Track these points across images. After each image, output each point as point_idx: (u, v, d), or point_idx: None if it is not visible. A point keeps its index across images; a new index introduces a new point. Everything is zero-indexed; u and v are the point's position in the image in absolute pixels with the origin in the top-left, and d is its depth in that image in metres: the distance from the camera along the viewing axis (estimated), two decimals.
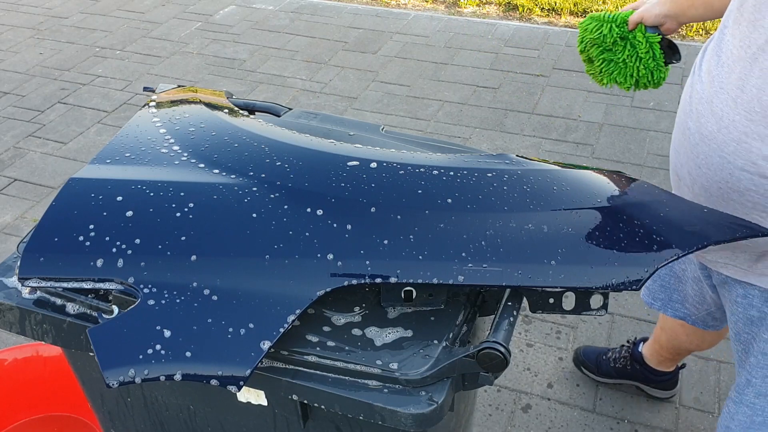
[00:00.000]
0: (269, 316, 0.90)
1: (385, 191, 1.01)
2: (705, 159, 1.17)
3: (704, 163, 1.17)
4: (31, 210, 2.88)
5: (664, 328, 1.83)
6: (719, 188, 1.16)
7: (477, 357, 0.88)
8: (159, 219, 0.97)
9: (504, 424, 2.00)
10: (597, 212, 1.02)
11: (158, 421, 1.17)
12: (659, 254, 0.97)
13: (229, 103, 1.31)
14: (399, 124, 3.39)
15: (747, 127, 1.09)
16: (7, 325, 1.07)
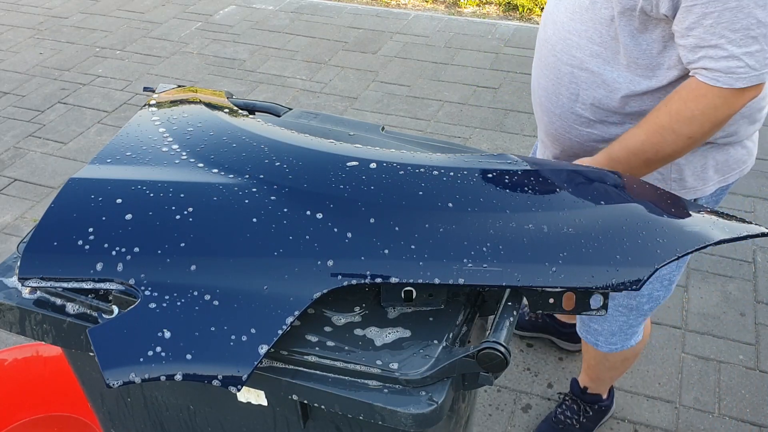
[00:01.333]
0: (269, 316, 0.90)
1: (385, 191, 1.01)
2: (544, 60, 1.35)
3: (544, 64, 1.35)
4: (31, 210, 2.88)
5: None
6: (554, 86, 1.34)
7: (477, 357, 0.88)
8: (159, 219, 0.97)
9: (504, 424, 2.00)
10: (597, 212, 1.02)
11: (158, 421, 1.17)
12: (659, 254, 0.97)
13: (229, 103, 1.31)
14: (399, 124, 3.39)
15: (569, 25, 1.27)
16: (7, 325, 1.07)
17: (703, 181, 1.32)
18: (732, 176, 1.35)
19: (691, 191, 1.33)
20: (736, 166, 1.35)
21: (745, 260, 2.55)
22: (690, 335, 2.26)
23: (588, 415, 1.93)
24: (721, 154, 1.31)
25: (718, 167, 1.32)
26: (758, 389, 2.07)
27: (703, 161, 1.30)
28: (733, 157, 1.34)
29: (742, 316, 2.32)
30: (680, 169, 1.29)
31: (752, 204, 2.83)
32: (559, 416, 1.95)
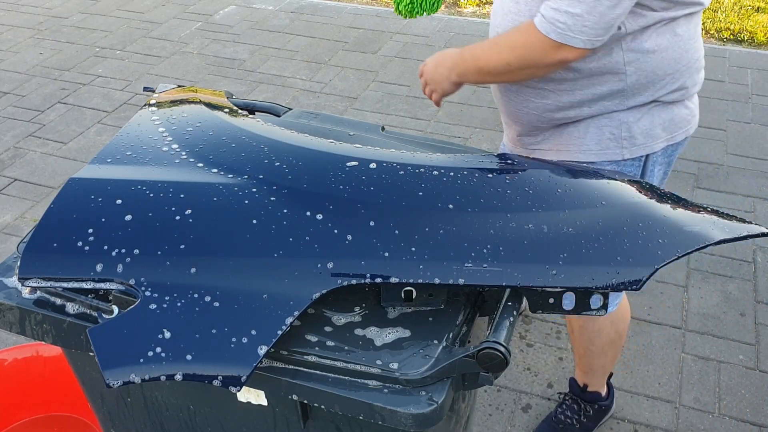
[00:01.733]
0: (269, 316, 0.90)
1: (385, 192, 1.01)
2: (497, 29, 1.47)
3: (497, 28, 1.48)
4: (31, 210, 2.88)
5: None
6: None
7: (477, 357, 0.88)
8: (159, 219, 0.97)
9: (504, 424, 2.00)
10: (597, 212, 1.02)
11: (158, 421, 1.17)
12: (659, 254, 0.97)
13: (229, 103, 1.31)
14: (399, 124, 3.39)
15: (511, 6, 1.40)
16: (7, 325, 1.07)
17: (652, 138, 1.43)
18: (679, 135, 1.46)
19: (641, 147, 1.43)
20: (681, 125, 1.46)
21: (745, 260, 2.55)
22: (690, 335, 2.26)
23: (588, 414, 1.93)
24: (666, 112, 1.42)
25: (665, 126, 1.43)
26: (758, 389, 2.07)
27: (650, 119, 1.42)
28: (678, 116, 1.45)
29: (742, 316, 2.32)
30: (629, 128, 1.41)
31: (752, 204, 2.83)
32: (560, 416, 1.94)
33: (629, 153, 1.43)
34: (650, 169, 1.47)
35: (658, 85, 1.38)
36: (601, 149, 1.44)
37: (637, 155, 1.44)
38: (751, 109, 3.47)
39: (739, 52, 4.01)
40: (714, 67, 3.83)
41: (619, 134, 1.42)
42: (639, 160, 1.45)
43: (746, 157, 3.11)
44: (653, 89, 1.39)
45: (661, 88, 1.39)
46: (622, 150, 1.43)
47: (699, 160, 3.10)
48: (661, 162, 1.48)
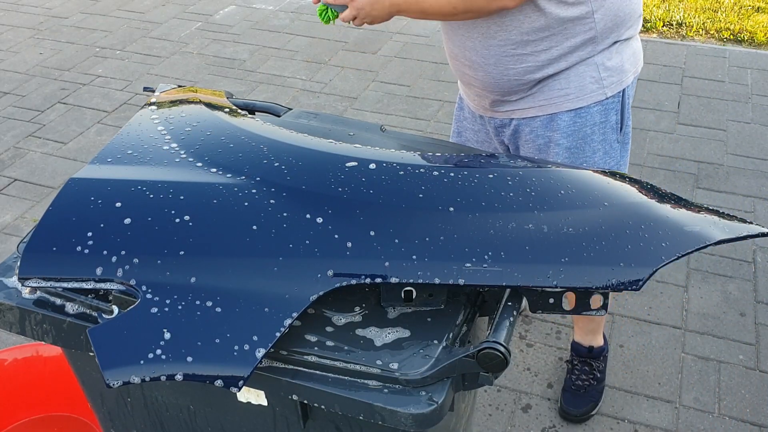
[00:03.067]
0: (270, 316, 0.90)
1: (385, 192, 1.01)
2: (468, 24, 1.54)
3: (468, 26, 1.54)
4: (31, 210, 2.88)
5: None
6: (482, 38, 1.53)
7: (477, 357, 0.88)
8: (158, 220, 0.97)
9: (504, 424, 2.00)
10: (597, 212, 1.02)
11: (158, 421, 1.17)
12: (659, 254, 0.97)
13: (228, 103, 1.31)
14: (399, 124, 3.39)
15: None
16: (7, 325, 1.07)
17: (624, 73, 1.56)
18: (639, 65, 1.62)
19: (618, 84, 1.56)
20: (640, 57, 1.62)
21: (745, 260, 2.55)
22: (690, 335, 2.26)
23: (600, 368, 2.03)
24: (628, 48, 1.56)
25: (631, 60, 1.58)
26: (758, 389, 2.07)
27: (620, 57, 1.54)
28: (637, 49, 1.60)
29: (742, 316, 2.32)
30: (606, 68, 1.52)
31: (752, 204, 2.83)
32: (577, 382, 2.01)
33: (610, 91, 1.55)
34: (627, 101, 1.59)
35: (621, 26, 1.51)
36: (586, 94, 1.54)
37: (617, 91, 1.56)
38: (751, 109, 3.47)
39: (739, 52, 4.01)
40: (714, 67, 3.83)
41: (598, 76, 1.53)
42: (618, 95, 1.57)
43: (746, 157, 3.11)
44: (618, 31, 1.51)
45: (624, 28, 1.52)
46: (604, 90, 1.55)
47: (699, 160, 3.10)
48: (631, 94, 1.61)
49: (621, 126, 1.60)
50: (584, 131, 1.56)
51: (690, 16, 4.43)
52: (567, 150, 1.58)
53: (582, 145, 1.58)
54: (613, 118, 1.57)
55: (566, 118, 1.56)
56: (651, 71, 3.79)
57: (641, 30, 4.26)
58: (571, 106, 1.54)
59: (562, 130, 1.57)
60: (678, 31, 4.30)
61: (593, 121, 1.56)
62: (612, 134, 1.59)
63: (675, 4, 4.64)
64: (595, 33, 1.47)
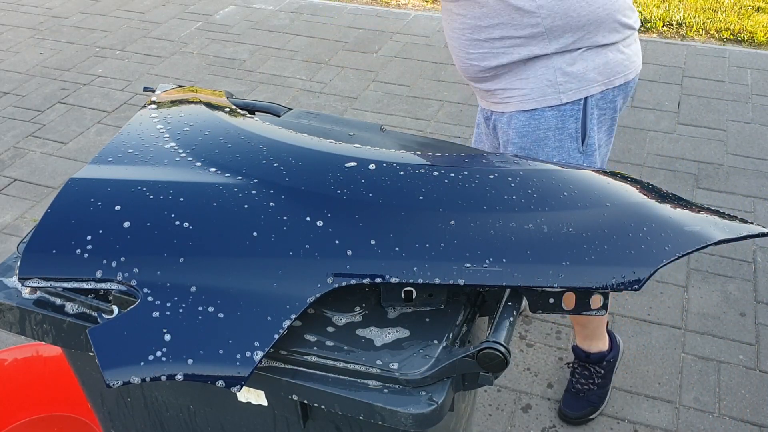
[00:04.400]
0: (270, 316, 0.90)
1: (385, 192, 1.01)
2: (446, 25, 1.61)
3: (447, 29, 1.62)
4: (31, 210, 2.88)
5: None
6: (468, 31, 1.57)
7: (477, 357, 0.88)
8: (158, 220, 0.97)
9: (504, 424, 2.00)
10: (597, 212, 1.02)
11: (158, 421, 1.17)
12: (659, 254, 0.97)
13: (229, 103, 1.31)
14: (399, 124, 3.39)
15: None
16: (7, 325, 1.07)
17: (588, 82, 1.53)
18: (616, 79, 1.56)
19: (577, 91, 1.53)
20: (618, 70, 1.55)
21: (745, 260, 2.55)
22: (690, 335, 2.26)
23: (600, 374, 2.00)
24: (599, 57, 1.52)
25: (599, 70, 1.53)
26: (758, 389, 2.07)
27: (584, 64, 1.51)
28: (612, 61, 1.54)
29: (742, 316, 2.32)
30: (564, 73, 1.51)
31: (752, 204, 2.83)
32: (576, 385, 2.00)
33: (566, 97, 1.53)
34: (590, 112, 1.56)
35: (582, 30, 1.48)
36: (541, 96, 1.54)
37: (575, 99, 1.54)
38: (751, 109, 3.47)
39: (739, 52, 4.01)
40: (714, 67, 3.83)
41: (555, 80, 1.52)
42: (578, 103, 1.55)
43: (746, 157, 3.11)
44: (578, 34, 1.48)
45: (588, 32, 1.49)
46: (559, 95, 1.53)
47: (699, 160, 3.10)
48: (602, 106, 1.57)
49: (583, 137, 1.57)
50: (537, 134, 1.57)
51: (690, 16, 4.42)
52: (521, 150, 1.61)
53: (535, 148, 1.59)
54: (571, 126, 1.56)
55: (522, 118, 1.58)
56: (651, 71, 3.79)
57: (641, 30, 4.26)
58: (526, 106, 1.56)
59: (517, 130, 1.59)
60: (678, 31, 4.30)
61: (547, 125, 1.56)
62: (570, 143, 1.57)
63: (675, 4, 4.64)
64: (543, 29, 1.47)
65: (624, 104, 1.64)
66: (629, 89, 1.61)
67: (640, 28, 4.31)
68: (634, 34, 1.60)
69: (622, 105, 1.63)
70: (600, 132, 1.61)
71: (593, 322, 1.91)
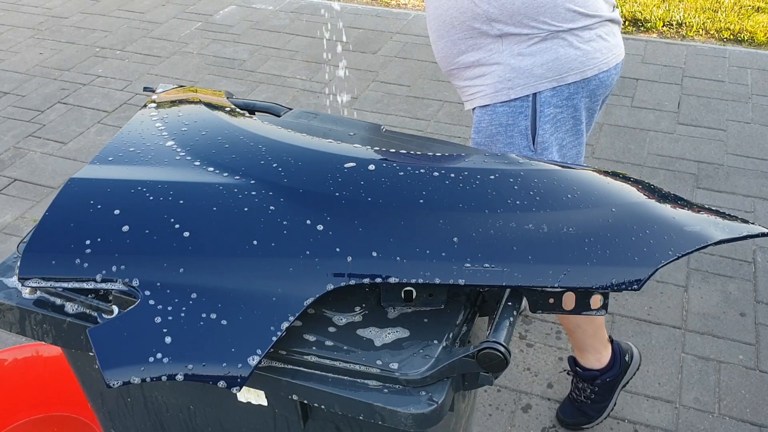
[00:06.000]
0: (270, 316, 0.90)
1: (385, 192, 1.01)
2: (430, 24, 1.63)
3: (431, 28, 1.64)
4: (31, 210, 2.88)
5: None
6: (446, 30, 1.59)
7: (477, 357, 0.88)
8: (158, 220, 0.97)
9: (504, 424, 2.00)
10: (597, 212, 1.02)
11: (158, 421, 1.17)
12: (659, 254, 0.97)
13: (229, 103, 1.31)
14: (399, 124, 3.39)
15: None
16: (7, 325, 1.07)
17: (536, 78, 1.50)
18: (570, 76, 1.51)
19: (524, 87, 1.51)
20: (572, 66, 1.51)
21: (745, 260, 2.55)
22: (690, 335, 2.26)
23: (595, 390, 1.89)
24: (548, 53, 1.49)
25: (549, 66, 1.50)
26: (758, 389, 2.07)
27: (532, 60, 1.49)
28: (563, 57, 1.50)
29: (742, 316, 2.32)
30: (513, 69, 1.50)
31: (752, 204, 2.83)
32: (572, 394, 1.97)
33: (514, 93, 1.52)
34: (540, 109, 1.53)
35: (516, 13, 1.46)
36: (493, 92, 1.55)
37: (522, 95, 1.52)
38: (751, 109, 3.47)
39: (739, 52, 4.01)
40: (714, 67, 3.83)
41: (504, 76, 1.51)
42: (526, 99, 1.52)
43: (746, 157, 3.11)
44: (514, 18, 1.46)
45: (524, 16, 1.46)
46: (508, 91, 1.53)
47: (699, 160, 3.10)
48: (555, 104, 1.53)
49: (533, 134, 1.55)
50: (490, 130, 1.58)
51: (690, 16, 4.42)
52: (477, 145, 1.62)
53: (488, 144, 1.60)
54: (521, 123, 1.54)
55: (479, 114, 1.59)
56: (651, 71, 3.79)
57: (641, 30, 4.26)
58: (481, 102, 1.57)
59: (475, 126, 1.62)
60: (678, 31, 4.30)
61: (499, 121, 1.56)
62: (521, 140, 1.56)
63: (675, 4, 4.64)
64: (481, 10, 1.47)
65: (594, 103, 1.59)
66: (594, 87, 1.55)
67: (641, 28, 4.31)
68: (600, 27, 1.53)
69: (589, 104, 1.57)
70: (558, 131, 1.56)
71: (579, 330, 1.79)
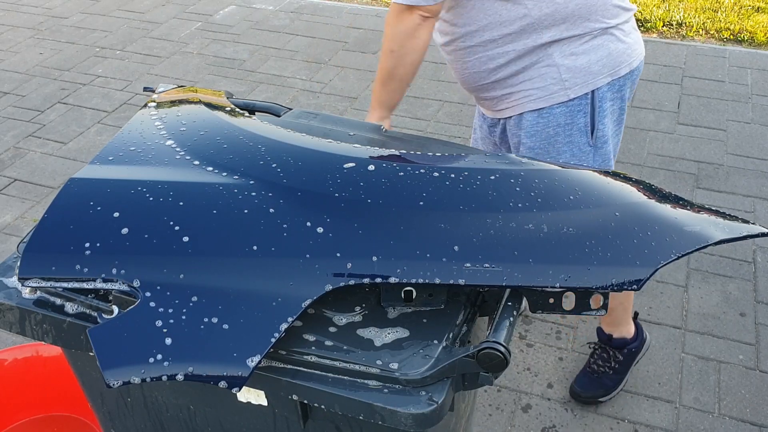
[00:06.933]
0: (270, 315, 0.90)
1: (385, 192, 1.01)
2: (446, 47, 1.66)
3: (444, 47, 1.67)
4: (31, 210, 2.88)
5: None
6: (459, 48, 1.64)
7: (477, 357, 0.88)
8: (158, 220, 0.97)
9: (504, 424, 2.00)
10: (597, 212, 1.02)
11: (158, 421, 1.17)
12: (659, 254, 0.97)
13: (228, 103, 1.31)
14: (399, 124, 3.39)
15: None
16: (7, 325, 1.07)
17: (593, 75, 1.55)
18: (621, 69, 1.57)
19: (583, 86, 1.55)
20: (622, 59, 1.57)
21: (745, 260, 2.55)
22: (690, 335, 2.26)
23: (618, 360, 2.02)
24: (601, 50, 1.54)
25: (603, 62, 1.54)
26: (758, 389, 2.07)
27: (586, 58, 1.53)
28: (614, 51, 1.56)
29: (742, 316, 2.32)
30: (568, 69, 1.53)
31: (752, 204, 2.83)
32: (593, 366, 2.04)
33: (574, 92, 1.55)
34: (598, 105, 1.58)
35: (570, 15, 1.49)
36: (548, 95, 1.56)
37: (582, 93, 1.55)
38: (751, 109, 3.47)
39: (739, 52, 4.01)
40: (714, 67, 3.83)
41: (559, 77, 1.54)
42: (585, 97, 1.56)
43: (746, 157, 3.11)
44: (569, 19, 1.49)
45: (578, 17, 1.50)
46: (566, 91, 1.55)
47: (699, 160, 3.10)
48: (610, 97, 1.59)
49: (592, 130, 1.59)
50: (547, 132, 1.59)
51: (690, 16, 4.42)
52: (531, 150, 1.62)
53: (546, 146, 1.60)
54: (580, 121, 1.58)
55: (530, 119, 1.59)
56: (651, 71, 3.79)
57: (641, 30, 4.26)
58: (533, 106, 1.58)
59: (526, 130, 1.61)
60: (678, 31, 4.30)
61: (557, 122, 1.58)
62: (580, 137, 1.59)
63: (675, 4, 4.64)
64: (532, 19, 1.48)
65: (631, 91, 1.66)
66: (635, 77, 1.63)
67: (641, 28, 4.31)
68: (632, 20, 1.61)
69: (629, 93, 1.64)
70: (612, 123, 1.63)
71: (617, 311, 1.95)
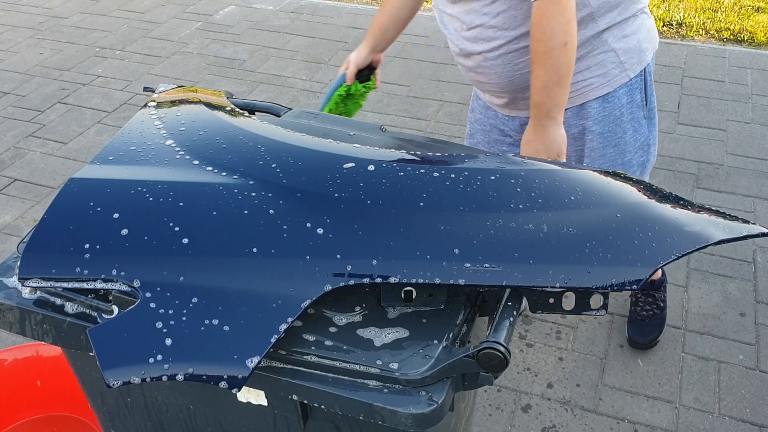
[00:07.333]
0: (270, 315, 0.90)
1: (385, 192, 1.01)
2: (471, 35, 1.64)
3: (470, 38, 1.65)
4: (31, 210, 2.88)
5: None
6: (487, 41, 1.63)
7: (477, 357, 0.88)
8: (158, 220, 0.97)
9: (504, 424, 2.00)
10: (597, 212, 1.02)
11: (158, 421, 1.17)
12: (659, 254, 0.97)
13: (228, 103, 1.31)
14: (399, 124, 3.39)
15: None
16: (7, 325, 1.07)
17: (642, 52, 1.63)
18: (656, 41, 1.69)
19: (638, 63, 1.63)
20: (654, 33, 1.68)
21: (745, 260, 2.55)
22: (690, 335, 2.26)
23: (662, 298, 2.23)
24: (642, 29, 1.63)
25: (647, 38, 1.64)
26: (758, 389, 2.07)
27: (636, 38, 1.61)
28: (650, 26, 1.66)
29: (742, 316, 2.32)
30: (624, 51, 1.59)
31: (752, 204, 2.83)
32: (642, 313, 2.21)
33: (632, 72, 1.62)
34: (648, 78, 1.67)
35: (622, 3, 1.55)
36: (610, 79, 1.61)
37: (639, 71, 1.64)
38: (751, 109, 3.47)
39: (739, 52, 4.01)
40: (714, 67, 3.83)
41: (618, 60, 1.60)
42: (640, 74, 1.65)
43: (746, 157, 3.11)
44: (621, 7, 1.55)
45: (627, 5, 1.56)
46: (626, 72, 1.62)
47: (699, 160, 3.10)
48: (651, 70, 1.70)
49: (646, 102, 1.68)
50: (614, 114, 1.64)
51: (690, 16, 4.42)
52: (600, 135, 1.66)
53: (614, 128, 1.66)
54: (638, 97, 1.65)
55: (595, 105, 1.63)
56: None
57: None
58: (597, 93, 1.62)
59: (593, 117, 1.64)
60: (678, 31, 4.30)
61: (620, 103, 1.64)
62: (639, 112, 1.67)
63: (675, 4, 4.64)
64: (592, 9, 1.52)
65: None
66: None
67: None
68: None
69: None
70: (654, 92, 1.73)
71: None
